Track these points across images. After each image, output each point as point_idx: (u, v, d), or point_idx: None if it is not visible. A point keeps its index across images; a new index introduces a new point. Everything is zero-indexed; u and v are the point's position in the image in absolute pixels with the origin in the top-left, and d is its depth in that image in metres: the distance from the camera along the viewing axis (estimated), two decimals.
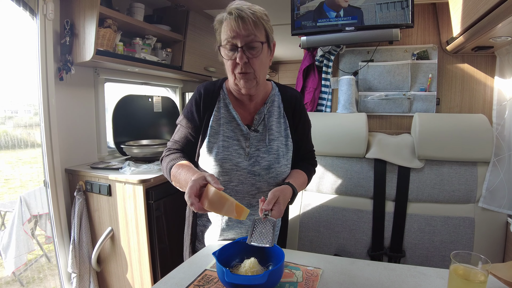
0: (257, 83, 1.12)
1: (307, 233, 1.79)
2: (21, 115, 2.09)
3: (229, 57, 1.08)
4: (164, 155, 1.24)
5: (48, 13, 1.90)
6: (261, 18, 1.07)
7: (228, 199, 0.89)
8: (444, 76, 1.97)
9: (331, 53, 2.09)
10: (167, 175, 1.18)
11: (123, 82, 2.71)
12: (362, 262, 1.04)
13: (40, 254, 2.19)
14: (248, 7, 1.05)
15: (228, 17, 1.05)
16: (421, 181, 1.71)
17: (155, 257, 1.98)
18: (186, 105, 1.25)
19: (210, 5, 2.70)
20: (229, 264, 0.95)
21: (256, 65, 1.08)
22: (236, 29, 1.03)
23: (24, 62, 1.99)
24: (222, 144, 1.15)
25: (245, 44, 1.04)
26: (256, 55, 1.07)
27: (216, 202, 0.89)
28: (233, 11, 1.03)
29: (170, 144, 1.26)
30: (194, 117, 1.20)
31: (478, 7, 1.27)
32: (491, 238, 1.62)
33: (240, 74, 1.08)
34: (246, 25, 1.03)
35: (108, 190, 1.99)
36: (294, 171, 1.23)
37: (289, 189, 1.09)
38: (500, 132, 1.70)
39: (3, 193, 2.11)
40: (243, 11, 1.03)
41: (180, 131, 1.24)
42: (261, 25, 1.07)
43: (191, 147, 1.23)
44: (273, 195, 1.01)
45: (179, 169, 1.11)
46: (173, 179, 1.13)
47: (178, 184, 1.12)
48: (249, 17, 1.03)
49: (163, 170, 1.21)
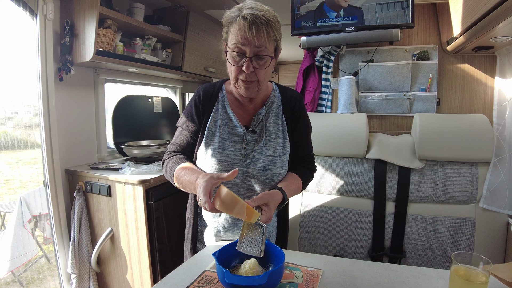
0: (259, 89, 1.11)
1: (307, 233, 1.79)
2: (21, 115, 2.08)
3: (235, 63, 1.05)
4: (165, 157, 1.24)
5: (48, 13, 1.90)
6: (274, 28, 1.04)
7: (239, 201, 0.89)
8: (444, 76, 1.97)
9: (331, 53, 2.09)
10: (170, 177, 1.17)
11: (123, 83, 2.71)
12: (362, 263, 1.04)
13: (40, 254, 2.18)
14: (263, 14, 1.01)
15: (241, 20, 1.01)
16: (422, 181, 1.71)
17: (155, 258, 1.98)
18: (186, 107, 1.25)
19: (210, 6, 2.69)
20: (229, 265, 0.94)
21: (261, 75, 1.07)
22: (248, 37, 1.00)
23: (24, 63, 1.99)
24: (218, 145, 1.15)
25: (254, 54, 1.03)
26: (264, 67, 1.06)
27: (228, 202, 0.88)
28: (248, 17, 0.99)
29: (171, 147, 1.26)
30: (193, 119, 1.20)
31: (478, 7, 1.27)
32: (492, 239, 1.62)
33: (243, 81, 1.07)
34: (259, 35, 1.00)
35: (108, 190, 1.98)
36: (289, 176, 1.21)
37: (279, 195, 1.06)
38: (500, 132, 1.70)
39: (3, 194, 2.11)
40: (257, 19, 1.00)
41: (181, 133, 1.24)
42: (273, 36, 1.05)
43: (192, 149, 1.22)
44: (261, 199, 0.99)
45: (182, 170, 1.10)
46: (177, 181, 1.13)
47: (181, 186, 1.12)
48: (263, 27, 1.00)
49: (165, 173, 1.21)
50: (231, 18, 1.05)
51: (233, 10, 1.06)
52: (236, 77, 1.08)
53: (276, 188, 1.09)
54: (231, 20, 1.05)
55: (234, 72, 1.07)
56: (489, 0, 1.16)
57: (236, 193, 1.14)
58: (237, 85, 1.10)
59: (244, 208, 0.89)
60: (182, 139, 1.23)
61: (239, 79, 1.08)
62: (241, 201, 0.89)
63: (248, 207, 0.90)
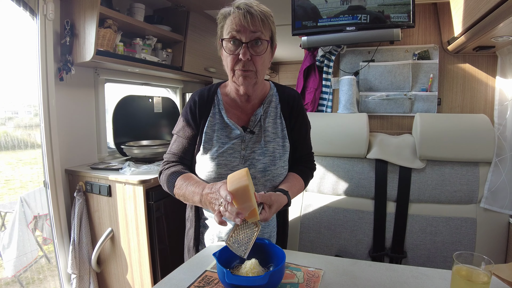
0: (256, 82, 1.10)
1: (308, 234, 1.79)
2: (21, 116, 2.08)
3: (231, 52, 1.05)
4: (163, 168, 1.21)
5: (48, 13, 1.90)
6: (269, 19, 1.06)
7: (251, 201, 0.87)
8: (445, 76, 1.97)
9: (332, 53, 2.09)
10: (169, 188, 1.15)
11: (123, 83, 2.71)
12: (363, 263, 1.04)
13: (40, 255, 2.18)
14: (257, 5, 1.04)
15: (236, 11, 1.03)
16: (423, 181, 1.70)
17: (155, 258, 1.97)
18: (182, 113, 1.23)
19: (211, 6, 2.69)
20: (230, 265, 0.94)
21: (258, 64, 1.07)
22: (244, 24, 1.01)
23: (24, 62, 1.99)
24: (217, 149, 1.14)
25: (250, 40, 1.03)
26: (260, 53, 1.06)
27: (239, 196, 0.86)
28: (242, 6, 1.02)
29: (168, 156, 1.23)
30: (190, 124, 1.19)
31: (479, 7, 1.27)
32: (493, 239, 1.61)
33: (241, 71, 1.06)
34: (254, 21, 1.02)
35: (108, 190, 1.98)
36: (291, 176, 1.20)
37: (285, 199, 1.06)
38: (501, 132, 1.70)
39: (3, 194, 2.11)
40: (252, 8, 1.02)
41: (177, 141, 1.22)
42: (268, 24, 1.06)
43: (190, 155, 1.21)
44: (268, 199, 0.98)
45: (185, 181, 1.09)
46: (177, 192, 1.11)
47: (182, 197, 1.11)
48: (258, 15, 1.02)
49: (163, 183, 1.19)
50: (225, 13, 1.07)
51: (226, 8, 1.08)
52: (233, 68, 1.07)
53: (283, 191, 1.08)
54: (225, 15, 1.07)
55: (230, 63, 1.07)
56: (490, 0, 1.16)
57: None
58: (234, 78, 1.09)
59: (250, 209, 0.88)
60: (178, 146, 1.21)
61: (236, 69, 1.07)
62: (253, 201, 0.88)
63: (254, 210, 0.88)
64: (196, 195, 1.03)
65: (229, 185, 0.88)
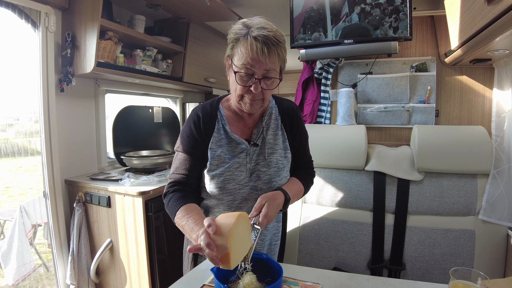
0: (262, 106, 1.12)
1: (306, 245, 1.78)
2: (22, 122, 2.09)
3: (243, 83, 1.04)
4: (167, 191, 1.16)
5: (50, 25, 1.92)
6: (283, 48, 1.04)
7: (227, 243, 0.77)
8: (442, 88, 1.98)
9: (330, 65, 2.10)
10: (171, 215, 1.11)
11: (124, 93, 2.72)
12: (361, 277, 1.04)
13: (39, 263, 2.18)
14: (273, 34, 1.00)
15: (252, 41, 0.99)
16: (421, 193, 1.71)
17: (154, 270, 1.97)
18: (183, 130, 1.20)
19: (211, 17, 2.72)
20: (227, 280, 0.94)
21: (267, 94, 1.08)
22: (260, 59, 0.99)
23: (25, 73, 2.01)
24: (224, 165, 1.14)
25: (263, 77, 1.03)
26: (271, 87, 1.07)
27: (221, 223, 0.81)
28: (260, 38, 0.98)
29: (173, 176, 1.18)
30: (196, 140, 1.16)
31: (475, 21, 1.28)
32: (491, 251, 1.61)
33: (250, 99, 1.07)
34: (271, 57, 1.00)
35: (107, 201, 1.98)
36: (290, 179, 1.23)
37: (280, 194, 1.07)
38: (499, 144, 1.70)
39: (3, 202, 2.11)
40: (269, 40, 0.99)
41: (182, 158, 1.17)
42: (282, 57, 1.05)
43: (196, 172, 1.18)
44: (259, 202, 0.99)
45: (187, 214, 1.04)
46: (178, 222, 1.07)
47: (181, 228, 1.06)
48: (275, 49, 1.00)
49: (166, 207, 1.14)
50: (239, 36, 1.03)
51: (240, 27, 1.03)
52: (241, 95, 1.07)
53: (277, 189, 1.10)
54: (239, 38, 1.03)
55: (240, 91, 1.06)
56: (486, 15, 1.17)
57: (244, 207, 1.15)
58: (241, 102, 1.09)
59: (224, 251, 0.78)
60: (183, 164, 1.16)
61: (244, 96, 1.07)
62: (233, 246, 0.79)
63: (227, 255, 0.78)
64: (194, 232, 0.97)
65: (218, 218, 0.84)
